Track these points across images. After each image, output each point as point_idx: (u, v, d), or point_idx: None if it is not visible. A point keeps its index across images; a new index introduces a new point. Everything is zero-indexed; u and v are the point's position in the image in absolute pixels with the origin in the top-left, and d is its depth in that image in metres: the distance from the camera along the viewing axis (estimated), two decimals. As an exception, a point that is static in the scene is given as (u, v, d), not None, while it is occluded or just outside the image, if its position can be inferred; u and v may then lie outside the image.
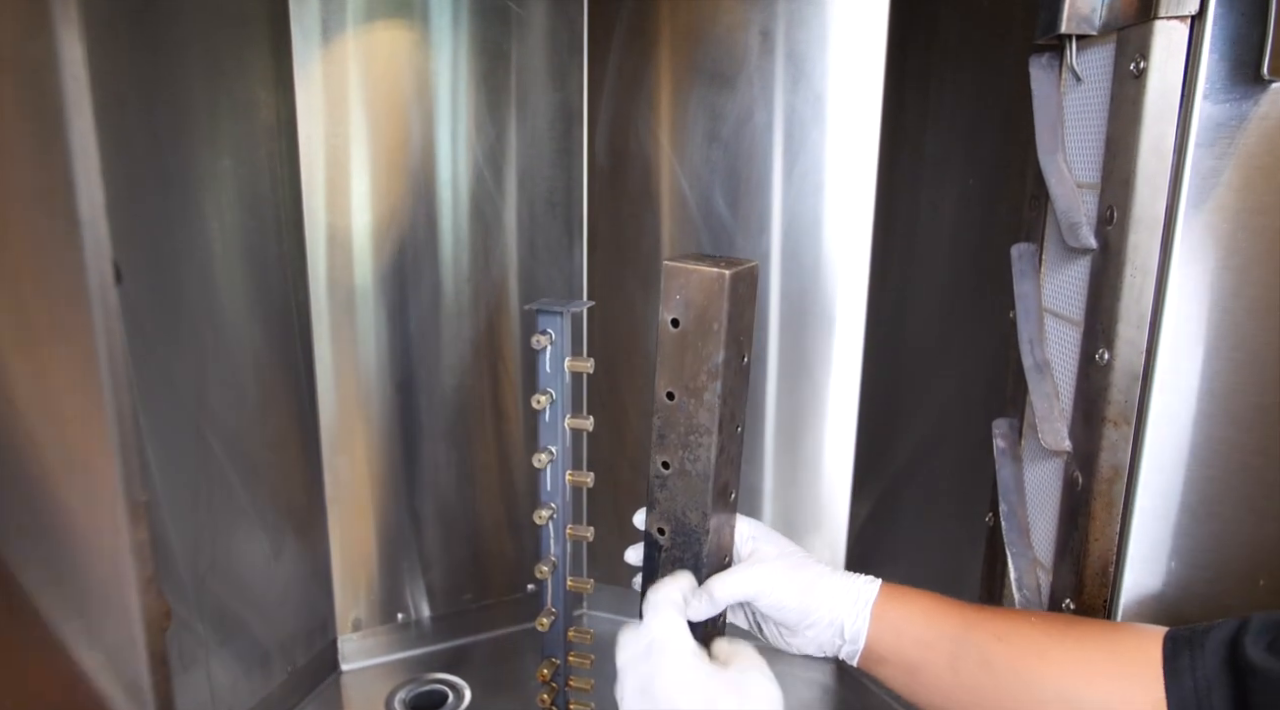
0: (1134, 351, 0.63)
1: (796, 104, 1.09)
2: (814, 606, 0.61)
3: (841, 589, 0.61)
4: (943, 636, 0.58)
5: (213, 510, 0.94)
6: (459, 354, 1.18)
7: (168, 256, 0.86)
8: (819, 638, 0.62)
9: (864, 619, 0.60)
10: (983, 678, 0.55)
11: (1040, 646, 0.55)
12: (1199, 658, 0.49)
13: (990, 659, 0.55)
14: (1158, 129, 0.59)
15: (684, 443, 0.61)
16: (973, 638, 0.56)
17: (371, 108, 1.05)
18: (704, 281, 0.57)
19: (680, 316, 0.58)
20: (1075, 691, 0.52)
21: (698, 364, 0.58)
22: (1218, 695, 0.48)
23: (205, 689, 0.93)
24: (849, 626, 0.60)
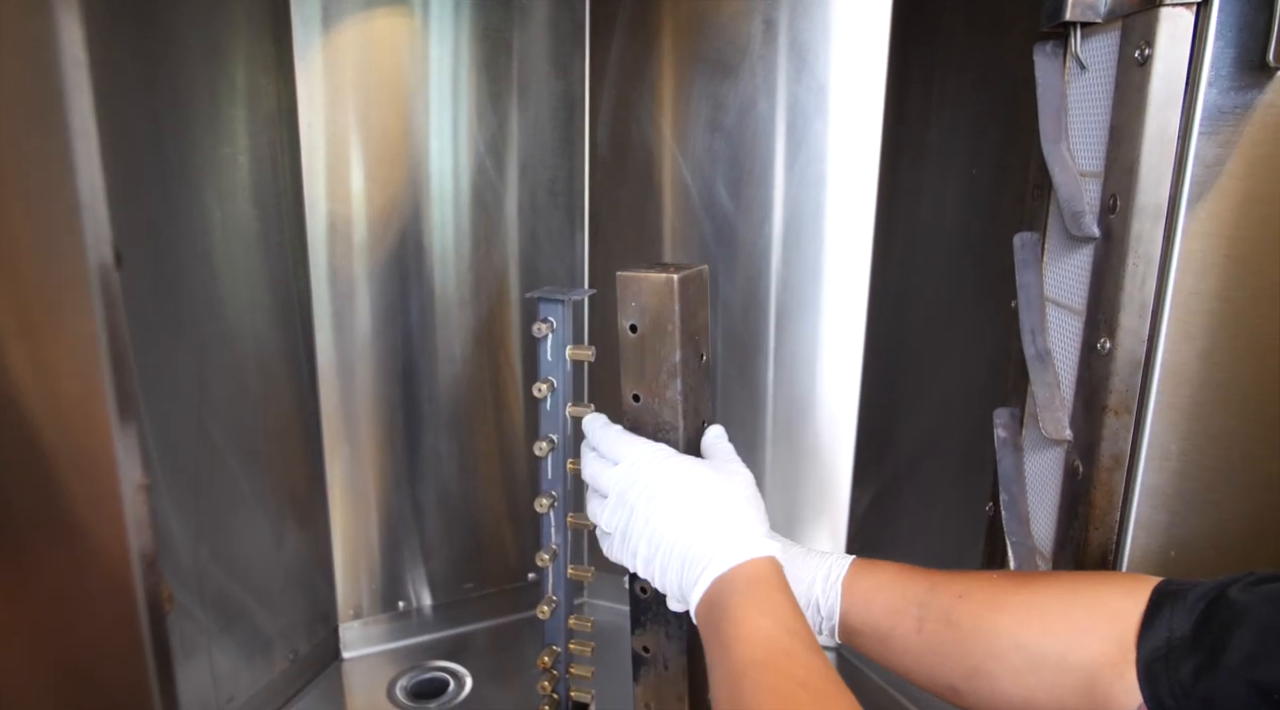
0: (1135, 340, 0.62)
1: (799, 94, 1.09)
2: (798, 583, 0.62)
3: (815, 568, 0.62)
4: (909, 602, 0.58)
5: (213, 498, 0.94)
6: (460, 343, 1.18)
7: (169, 243, 0.86)
8: None
9: (835, 594, 0.61)
10: (946, 635, 0.56)
11: (998, 599, 0.55)
12: (1180, 607, 0.48)
13: (952, 617, 0.56)
14: (1162, 117, 0.59)
15: (652, 440, 0.63)
16: (936, 600, 0.57)
17: (372, 95, 1.05)
18: (654, 287, 0.61)
19: (637, 322, 0.62)
20: (1032, 640, 0.52)
21: (657, 365, 0.62)
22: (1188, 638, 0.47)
23: (207, 676, 0.93)
24: (823, 603, 0.61)
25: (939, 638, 0.56)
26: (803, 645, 0.49)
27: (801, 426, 1.18)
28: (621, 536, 0.59)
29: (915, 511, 1.08)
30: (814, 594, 0.61)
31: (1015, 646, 0.53)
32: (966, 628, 0.55)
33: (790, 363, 1.16)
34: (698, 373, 0.64)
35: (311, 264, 1.06)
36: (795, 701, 0.45)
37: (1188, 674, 0.46)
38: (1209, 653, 0.46)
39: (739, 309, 1.16)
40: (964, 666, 0.55)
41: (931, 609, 0.57)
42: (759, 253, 1.14)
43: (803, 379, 1.16)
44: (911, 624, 0.58)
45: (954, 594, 0.57)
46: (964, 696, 0.57)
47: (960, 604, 0.56)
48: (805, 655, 0.48)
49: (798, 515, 1.20)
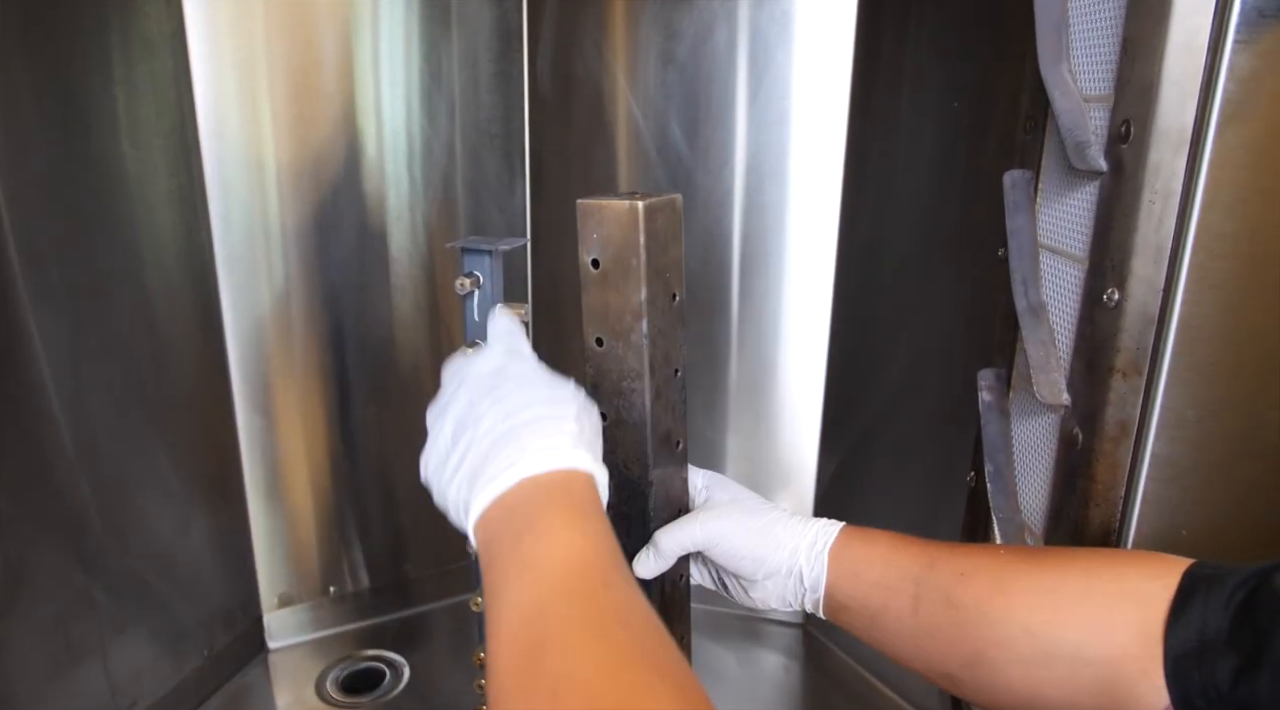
0: (1149, 291, 0.54)
1: (761, 20, 0.98)
2: (769, 553, 0.56)
3: (799, 534, 0.56)
4: (904, 578, 0.52)
5: (108, 476, 0.83)
6: (390, 303, 1.06)
7: (43, 184, 0.74)
8: (779, 588, 0.57)
9: (821, 563, 0.55)
10: (944, 618, 0.50)
11: (1006, 580, 0.49)
12: (1215, 595, 0.42)
13: (953, 597, 0.50)
14: (1190, 22, 0.50)
15: (617, 390, 0.58)
16: (935, 577, 0.51)
17: (277, 21, 0.92)
18: (618, 216, 0.54)
19: (599, 256, 0.55)
20: (1043, 628, 0.46)
21: (622, 305, 0.55)
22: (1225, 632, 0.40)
23: (101, 680, 0.83)
24: (808, 573, 0.55)
25: (937, 620, 0.50)
26: (623, 578, 0.40)
27: (765, 388, 1.09)
28: (435, 425, 0.55)
29: (888, 480, 1.00)
30: (797, 562, 0.56)
31: (1024, 634, 0.47)
32: (969, 610, 0.49)
33: (753, 318, 1.07)
34: (668, 314, 0.57)
35: (214, 213, 0.93)
36: (614, 642, 0.36)
37: (1225, 675, 0.40)
38: (1250, 652, 0.39)
39: (698, 261, 1.06)
40: (964, 653, 0.49)
41: (930, 587, 0.51)
42: (718, 200, 1.04)
43: (767, 336, 1.07)
44: (906, 603, 0.52)
45: (956, 572, 0.50)
46: (962, 685, 0.51)
47: (963, 583, 0.50)
48: (627, 590, 0.40)
49: (761, 483, 1.12)
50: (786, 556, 0.56)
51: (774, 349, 1.08)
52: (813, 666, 1.08)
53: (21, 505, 0.74)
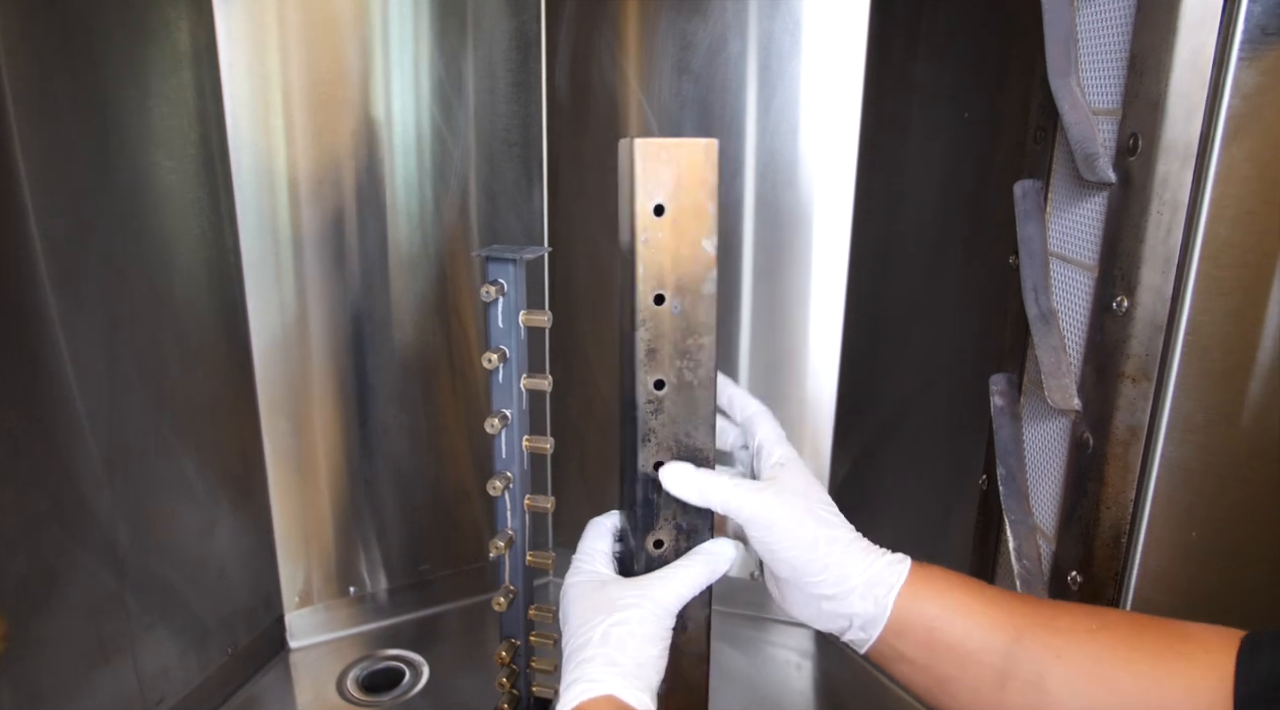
0: (1157, 299, 0.56)
1: (774, 31, 1.00)
2: (816, 572, 0.50)
3: (860, 564, 0.50)
4: (990, 649, 0.48)
5: (137, 478, 0.85)
6: (410, 308, 1.08)
7: (78, 196, 0.76)
8: (812, 608, 0.52)
9: (885, 607, 0.49)
10: (1034, 700, 0.47)
11: (1107, 669, 0.46)
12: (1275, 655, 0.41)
13: (1046, 680, 0.47)
14: (1195, 39, 0.51)
15: (681, 350, 0.52)
16: (1027, 654, 0.47)
17: (304, 33, 0.94)
18: (691, 155, 0.49)
19: (665, 201, 0.50)
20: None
21: (693, 253, 0.50)
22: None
23: (131, 677, 0.85)
24: (861, 611, 0.50)
25: (1026, 700, 0.47)
26: None
27: (778, 392, 1.11)
28: None
29: (900, 483, 1.02)
30: (847, 593, 0.50)
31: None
32: (1065, 698, 0.47)
33: (766, 324, 1.09)
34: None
35: (241, 221, 0.95)
36: None
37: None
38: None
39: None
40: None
41: (1020, 665, 0.47)
42: (731, 207, 1.06)
43: (779, 343, 1.09)
44: (990, 676, 0.48)
45: (1052, 652, 0.47)
46: None
47: (1059, 667, 0.47)
48: None
49: (774, 486, 1.14)
50: (833, 585, 0.50)
51: (786, 354, 1.09)
52: (824, 667, 1.09)
53: (53, 507, 0.76)
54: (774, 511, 0.50)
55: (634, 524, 0.56)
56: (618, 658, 0.48)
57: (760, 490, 0.51)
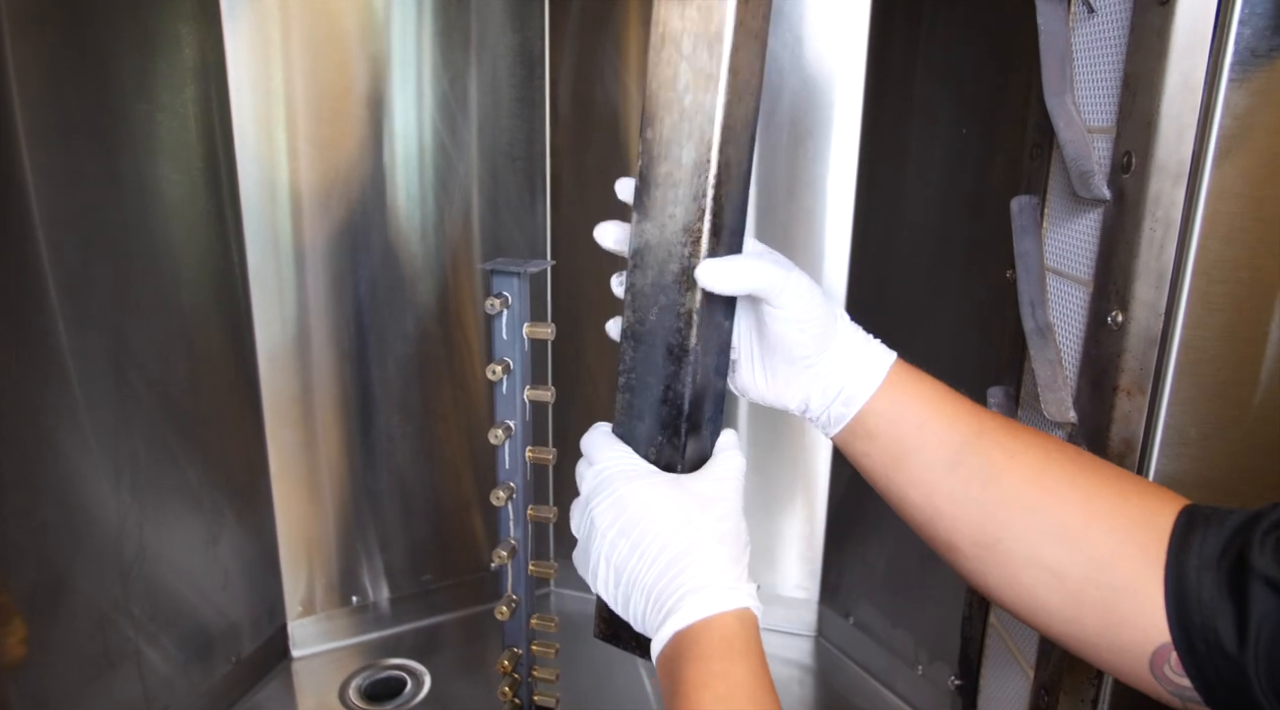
0: (1151, 314, 0.57)
1: (774, 47, 1.01)
2: (824, 336, 0.50)
3: (859, 339, 0.52)
4: (951, 433, 0.50)
5: (143, 487, 0.86)
6: (414, 320, 1.09)
7: (87, 208, 0.77)
8: (812, 384, 0.52)
9: (874, 381, 0.51)
10: (978, 489, 0.49)
11: (1050, 478, 0.48)
12: (1208, 544, 0.43)
13: (993, 474, 0.49)
14: (1186, 62, 0.52)
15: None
16: (983, 445, 0.49)
17: (311, 48, 0.96)
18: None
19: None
20: (1071, 534, 0.46)
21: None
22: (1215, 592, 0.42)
23: (137, 685, 0.86)
24: (850, 384, 0.51)
25: (969, 489, 0.49)
26: None
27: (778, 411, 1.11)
28: (583, 549, 0.50)
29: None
30: (841, 376, 0.51)
31: (1050, 535, 0.47)
32: (1004, 493, 0.48)
33: (766, 338, 1.10)
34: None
35: (248, 234, 0.96)
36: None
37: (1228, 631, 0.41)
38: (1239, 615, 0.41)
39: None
40: (981, 533, 0.49)
41: (974, 453, 0.49)
42: (733, 221, 1.07)
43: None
44: (943, 457, 0.50)
45: (1005, 450, 0.49)
46: (964, 561, 0.50)
47: (1008, 464, 0.48)
48: None
49: (774, 493, 1.15)
50: (835, 350, 0.51)
51: (787, 366, 1.10)
52: (825, 677, 1.09)
53: (60, 516, 0.77)
54: (802, 285, 0.49)
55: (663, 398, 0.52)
56: (742, 556, 0.47)
57: (787, 266, 0.50)
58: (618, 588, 0.48)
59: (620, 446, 0.52)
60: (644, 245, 0.50)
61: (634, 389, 0.52)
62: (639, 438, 0.52)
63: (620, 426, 0.53)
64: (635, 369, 0.52)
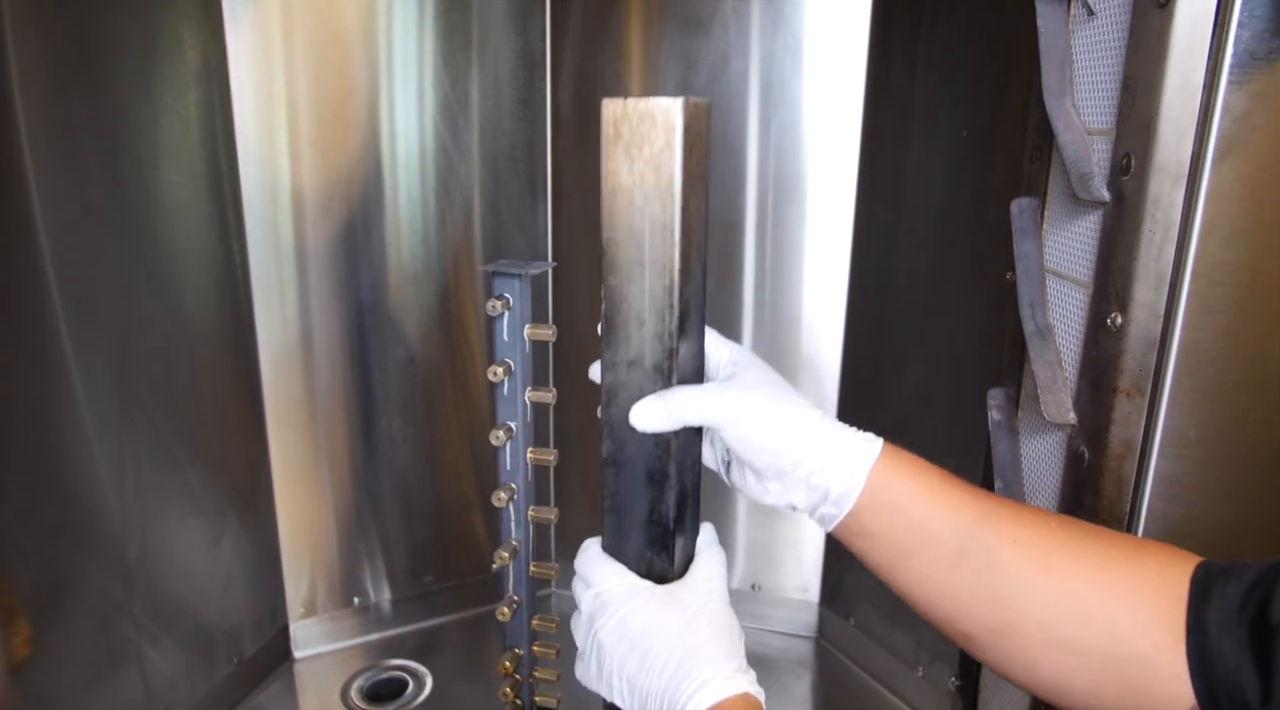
0: (1150, 315, 0.57)
1: (775, 51, 1.02)
2: (790, 451, 0.50)
3: (833, 440, 0.51)
4: (951, 528, 0.49)
5: (145, 489, 0.86)
6: (416, 322, 1.10)
7: (90, 210, 0.77)
8: (792, 493, 0.52)
9: (856, 483, 0.50)
10: (986, 581, 0.48)
11: (1059, 559, 0.47)
12: (1228, 599, 0.43)
13: (1000, 563, 0.48)
14: (1186, 64, 0.53)
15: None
16: (985, 536, 0.48)
17: (313, 52, 0.96)
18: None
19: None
20: (1088, 614, 0.46)
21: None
22: (1238, 648, 0.41)
23: (139, 687, 0.86)
24: (835, 487, 0.50)
25: (977, 581, 0.48)
26: None
27: (779, 407, 1.12)
28: (596, 668, 0.53)
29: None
30: (823, 470, 0.50)
31: (1067, 618, 0.46)
32: (1014, 582, 0.48)
33: (768, 339, 1.10)
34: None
35: (250, 236, 0.97)
36: None
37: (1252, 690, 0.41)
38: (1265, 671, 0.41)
39: (712, 284, 1.09)
40: (996, 621, 0.48)
41: (978, 544, 0.48)
42: (734, 225, 1.07)
43: (781, 355, 1.10)
44: (946, 554, 0.49)
45: (1008, 537, 0.48)
46: (981, 650, 0.50)
47: (1014, 552, 0.48)
48: None
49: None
50: (810, 460, 0.50)
51: (788, 368, 1.10)
52: (825, 677, 1.09)
53: (63, 518, 0.77)
54: (742, 405, 0.51)
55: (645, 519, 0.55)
56: (736, 649, 0.50)
57: (722, 390, 0.52)
58: (633, 697, 0.51)
59: (613, 567, 0.55)
60: (614, 383, 0.53)
61: (620, 511, 0.55)
62: (630, 554, 0.55)
63: (611, 544, 0.56)
64: (619, 493, 0.55)
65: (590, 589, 0.54)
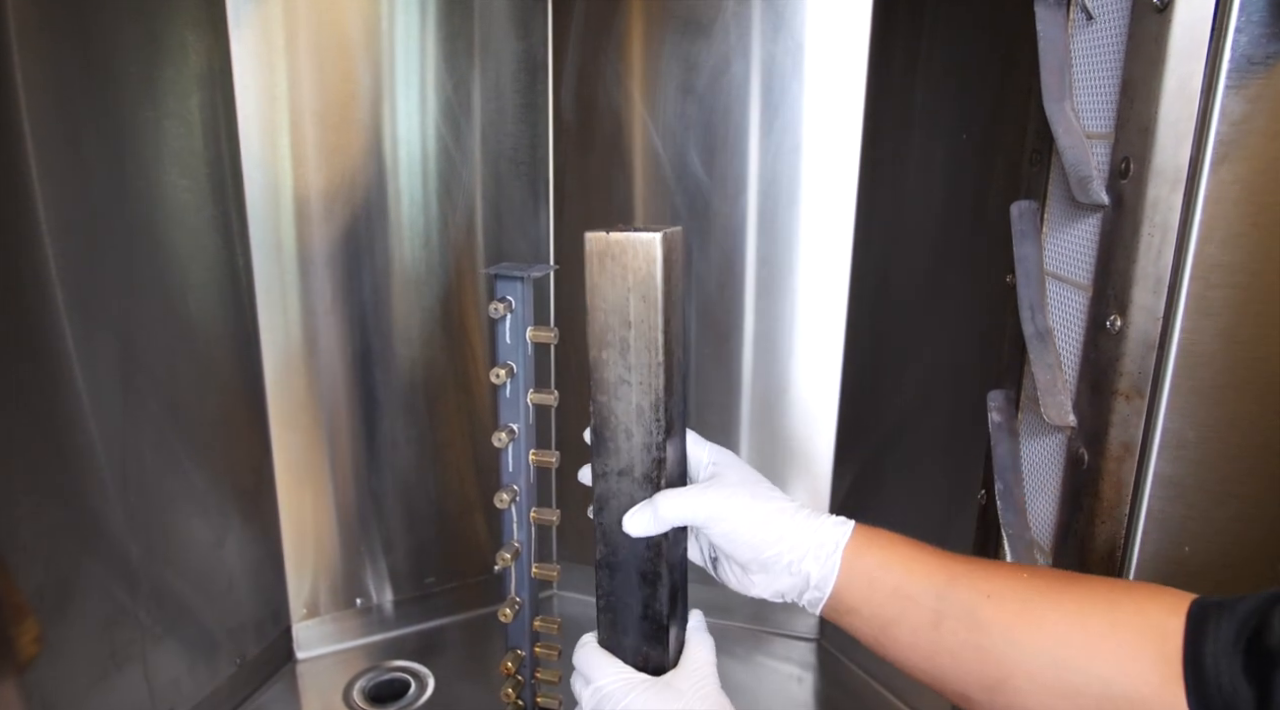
0: (1149, 318, 0.57)
1: (776, 53, 1.02)
2: (772, 543, 0.54)
3: (808, 528, 0.55)
4: (925, 591, 0.51)
5: (149, 490, 0.86)
6: (418, 324, 1.10)
7: (94, 213, 0.78)
8: (775, 582, 0.56)
9: (833, 565, 0.53)
10: (968, 638, 0.49)
11: (1033, 608, 0.49)
12: (1224, 631, 0.43)
13: (979, 619, 0.49)
14: (1184, 69, 0.53)
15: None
16: (959, 594, 0.50)
17: (316, 55, 0.96)
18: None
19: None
20: (1072, 659, 0.47)
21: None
22: (1234, 677, 0.42)
23: (142, 686, 0.86)
24: (815, 572, 0.54)
25: (959, 639, 0.50)
26: None
27: (780, 409, 1.12)
28: None
29: (900, 498, 1.03)
30: (803, 558, 0.54)
31: (1053, 665, 0.47)
32: (995, 635, 0.49)
33: (768, 340, 1.10)
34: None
35: (253, 239, 0.97)
36: None
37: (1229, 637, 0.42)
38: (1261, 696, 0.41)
39: (714, 285, 1.10)
40: (986, 677, 0.49)
41: (954, 604, 0.50)
42: (734, 225, 1.07)
43: (781, 358, 1.11)
44: (926, 617, 0.51)
45: (982, 593, 0.50)
46: (977, 707, 0.51)
47: (990, 605, 0.49)
48: None
49: (776, 500, 1.15)
50: (790, 551, 0.54)
51: (788, 370, 1.11)
52: (825, 679, 1.10)
53: (67, 520, 0.77)
54: (724, 504, 0.55)
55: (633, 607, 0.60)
56: None
57: (704, 491, 0.57)
58: None
59: (611, 662, 0.59)
60: (606, 491, 0.59)
61: (615, 610, 0.60)
62: (626, 649, 0.60)
63: (607, 639, 0.60)
64: (614, 593, 0.60)
65: (590, 685, 0.58)
